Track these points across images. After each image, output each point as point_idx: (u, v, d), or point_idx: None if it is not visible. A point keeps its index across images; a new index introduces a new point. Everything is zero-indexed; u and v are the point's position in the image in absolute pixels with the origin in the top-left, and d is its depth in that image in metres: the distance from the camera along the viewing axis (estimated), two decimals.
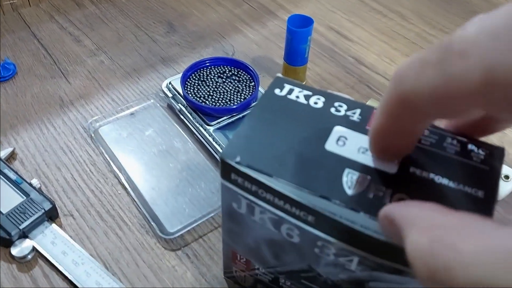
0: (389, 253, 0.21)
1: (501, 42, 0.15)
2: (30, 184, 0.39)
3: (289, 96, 0.26)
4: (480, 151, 0.22)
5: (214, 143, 0.43)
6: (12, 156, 0.43)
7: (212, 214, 0.39)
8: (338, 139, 0.23)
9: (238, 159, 0.23)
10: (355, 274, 0.24)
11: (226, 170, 0.24)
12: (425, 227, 0.16)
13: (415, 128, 0.20)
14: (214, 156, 0.43)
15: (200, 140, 0.44)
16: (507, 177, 0.38)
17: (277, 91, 0.26)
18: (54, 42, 0.56)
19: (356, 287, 0.25)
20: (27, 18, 0.59)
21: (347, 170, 0.22)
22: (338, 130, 0.24)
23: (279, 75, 0.29)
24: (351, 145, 0.23)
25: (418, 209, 0.18)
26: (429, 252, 0.15)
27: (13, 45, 0.55)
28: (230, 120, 0.44)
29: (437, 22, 0.61)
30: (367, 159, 0.22)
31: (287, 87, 0.26)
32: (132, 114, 0.47)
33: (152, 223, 0.38)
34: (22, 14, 0.60)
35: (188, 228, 0.38)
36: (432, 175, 0.22)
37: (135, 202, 0.40)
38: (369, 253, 0.21)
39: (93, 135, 0.45)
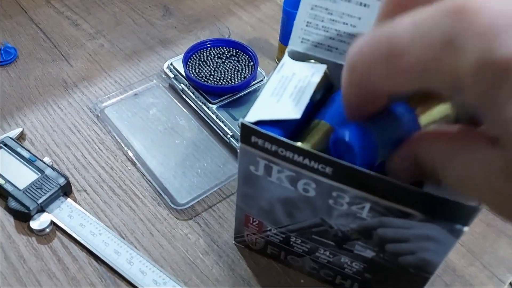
0: (399, 196, 0.23)
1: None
2: (43, 162, 0.40)
3: None
4: None
5: (217, 120, 0.45)
6: (21, 137, 0.44)
7: (220, 186, 0.41)
8: None
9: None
10: (365, 222, 0.26)
11: (246, 134, 0.26)
12: None
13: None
14: (218, 132, 0.45)
15: (203, 118, 0.46)
16: None
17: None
18: (52, 26, 0.57)
19: (365, 235, 0.27)
20: (23, 3, 0.60)
21: None
22: None
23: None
24: None
25: None
26: None
27: (11, 30, 0.56)
28: (232, 98, 0.46)
29: None
30: None
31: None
32: (135, 94, 0.49)
33: (163, 196, 0.40)
34: None
35: (198, 199, 0.40)
36: None
37: (145, 176, 0.42)
38: (381, 197, 0.24)
39: (99, 115, 0.46)
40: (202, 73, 0.47)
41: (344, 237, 0.29)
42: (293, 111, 0.26)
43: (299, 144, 0.25)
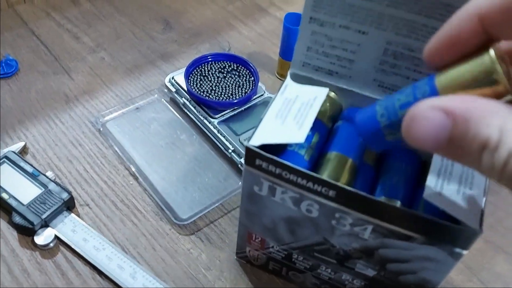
0: (402, 220, 0.24)
1: None
2: (46, 176, 0.41)
3: None
4: None
5: (219, 135, 0.45)
6: (24, 151, 0.45)
7: (221, 201, 0.42)
8: None
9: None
10: (367, 242, 0.27)
11: (251, 157, 0.27)
12: None
13: None
14: (219, 147, 0.45)
15: (205, 132, 0.47)
16: None
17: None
18: (53, 39, 0.57)
19: (367, 254, 0.28)
20: (23, 15, 0.60)
21: None
22: None
23: None
24: None
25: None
26: None
27: (12, 42, 0.56)
28: (233, 113, 0.47)
29: None
30: None
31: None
32: (137, 108, 0.49)
33: (165, 211, 0.41)
34: (18, 11, 0.61)
35: (200, 214, 0.41)
36: None
37: (147, 191, 0.42)
38: (383, 220, 0.25)
39: (101, 129, 0.47)
40: (204, 88, 0.48)
41: (346, 255, 0.30)
42: (297, 135, 0.26)
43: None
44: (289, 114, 0.28)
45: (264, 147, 0.26)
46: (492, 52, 0.20)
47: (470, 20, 0.20)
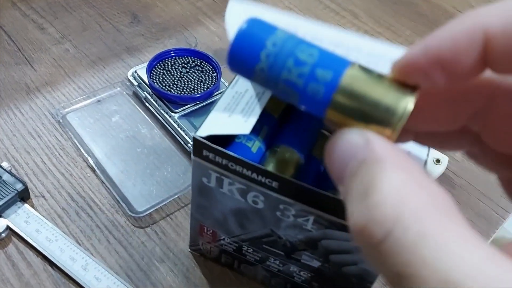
0: (339, 211, 0.25)
1: None
2: (1, 167, 0.40)
3: None
4: None
5: (179, 129, 0.45)
6: None
7: (179, 195, 0.42)
8: None
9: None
10: (310, 233, 0.28)
11: (198, 148, 0.27)
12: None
13: None
14: (179, 141, 0.46)
15: (166, 127, 0.47)
16: (438, 161, 0.43)
17: None
18: (18, 29, 0.56)
19: (311, 246, 0.29)
20: None
21: None
22: None
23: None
24: None
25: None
26: None
27: None
28: (194, 108, 0.47)
29: (385, 21, 0.66)
30: None
31: None
32: (98, 101, 0.49)
33: (121, 203, 0.40)
34: None
35: (156, 207, 0.41)
36: None
37: (104, 184, 0.42)
38: (323, 211, 0.25)
39: (61, 120, 0.47)
40: (166, 82, 0.48)
41: (292, 247, 0.30)
42: (243, 127, 0.27)
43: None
44: (238, 106, 0.28)
45: (214, 139, 0.27)
46: (410, 105, 0.17)
47: (473, 36, 0.16)
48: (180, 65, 0.50)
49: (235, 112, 0.28)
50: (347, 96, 0.18)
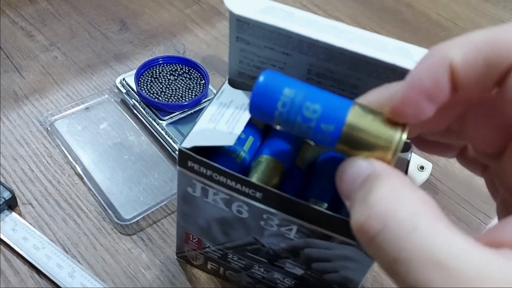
0: (320, 220, 0.26)
1: None
2: None
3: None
4: None
5: (166, 136, 0.46)
6: None
7: (165, 202, 0.42)
8: None
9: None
10: (293, 242, 0.28)
11: (184, 159, 0.28)
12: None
13: None
14: (167, 148, 0.46)
15: (153, 134, 0.47)
16: (422, 167, 0.44)
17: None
18: (6, 36, 0.57)
19: (293, 254, 0.29)
20: None
21: None
22: None
23: None
24: None
25: None
26: None
27: None
28: (182, 116, 0.48)
29: (370, 28, 0.67)
30: None
31: None
32: (87, 108, 0.49)
33: (108, 211, 0.41)
34: None
35: (143, 215, 0.41)
36: None
37: (92, 191, 0.42)
38: (305, 221, 0.26)
39: (49, 128, 0.47)
40: (154, 90, 0.49)
41: (275, 255, 0.31)
42: (228, 138, 0.27)
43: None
44: (223, 118, 0.29)
45: (200, 150, 0.27)
46: (404, 136, 0.20)
47: (442, 67, 0.18)
48: (168, 73, 0.51)
49: (220, 123, 0.29)
50: (348, 141, 0.21)
